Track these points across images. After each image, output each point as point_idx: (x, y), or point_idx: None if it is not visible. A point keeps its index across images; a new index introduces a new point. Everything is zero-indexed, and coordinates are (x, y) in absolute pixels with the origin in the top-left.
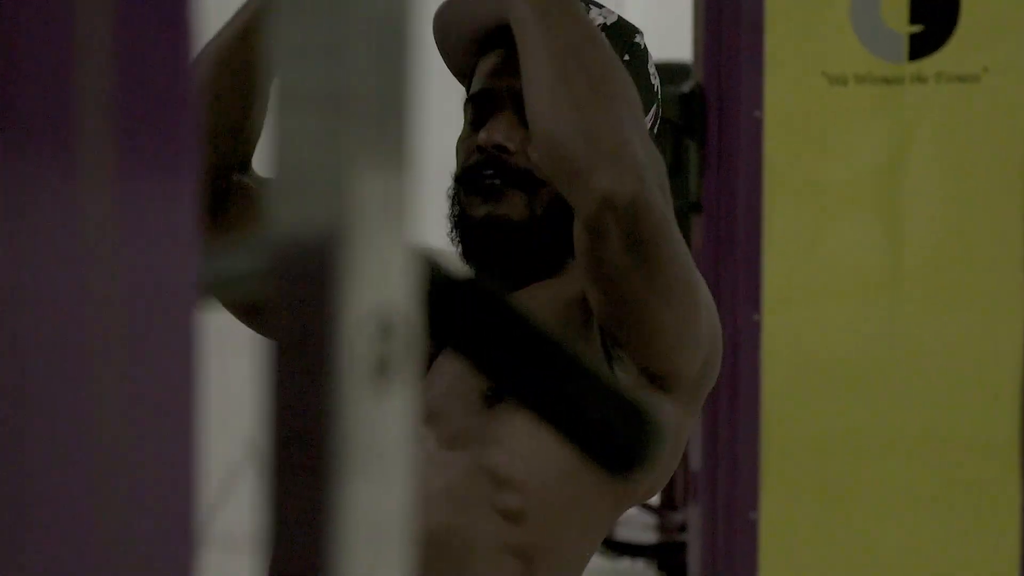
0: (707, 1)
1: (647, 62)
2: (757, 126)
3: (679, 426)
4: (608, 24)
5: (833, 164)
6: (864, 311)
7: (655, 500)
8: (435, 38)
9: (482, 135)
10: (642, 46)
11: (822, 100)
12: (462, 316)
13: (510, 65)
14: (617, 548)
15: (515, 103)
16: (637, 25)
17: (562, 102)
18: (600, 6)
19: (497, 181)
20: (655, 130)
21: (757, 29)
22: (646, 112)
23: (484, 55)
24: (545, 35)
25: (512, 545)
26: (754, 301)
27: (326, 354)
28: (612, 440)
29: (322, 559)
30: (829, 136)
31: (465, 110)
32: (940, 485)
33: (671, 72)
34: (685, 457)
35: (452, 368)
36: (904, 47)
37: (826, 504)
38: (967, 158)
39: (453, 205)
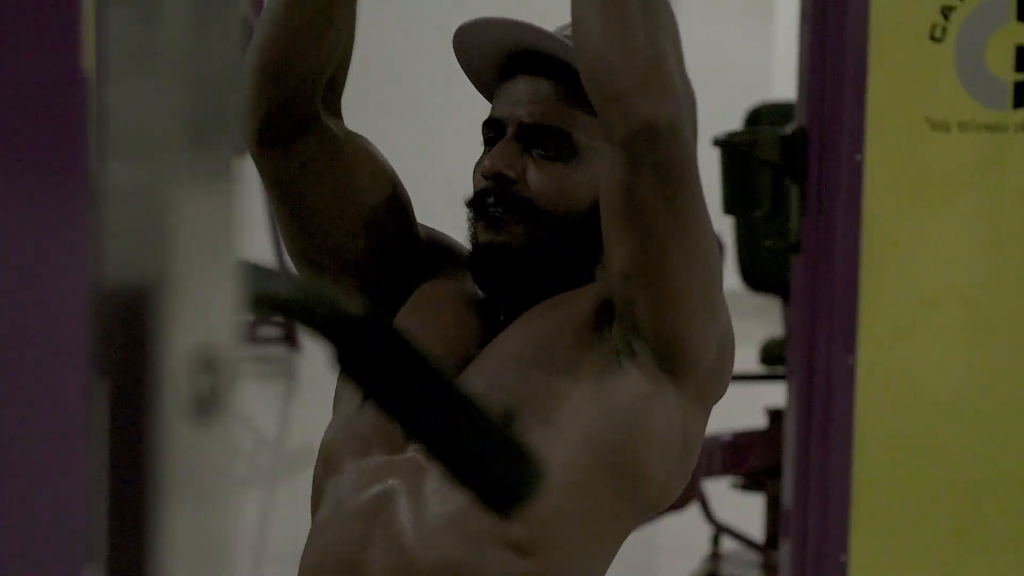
0: (812, 44)
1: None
2: (857, 170)
3: (687, 422)
4: None
5: (933, 209)
6: (960, 355)
7: (759, 538)
8: (457, 56)
9: (486, 163)
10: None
11: (924, 146)
12: (358, 353)
13: (521, 95)
14: None
15: (521, 133)
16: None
17: (612, 25)
18: None
19: (499, 211)
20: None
21: (861, 73)
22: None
23: (504, 80)
24: None
25: None
26: (849, 343)
27: (150, 389)
28: (493, 480)
29: None
30: (930, 182)
31: (483, 132)
32: None
33: (777, 113)
34: (777, 499)
35: None
36: (1009, 95)
37: (918, 548)
38: None
39: (469, 229)
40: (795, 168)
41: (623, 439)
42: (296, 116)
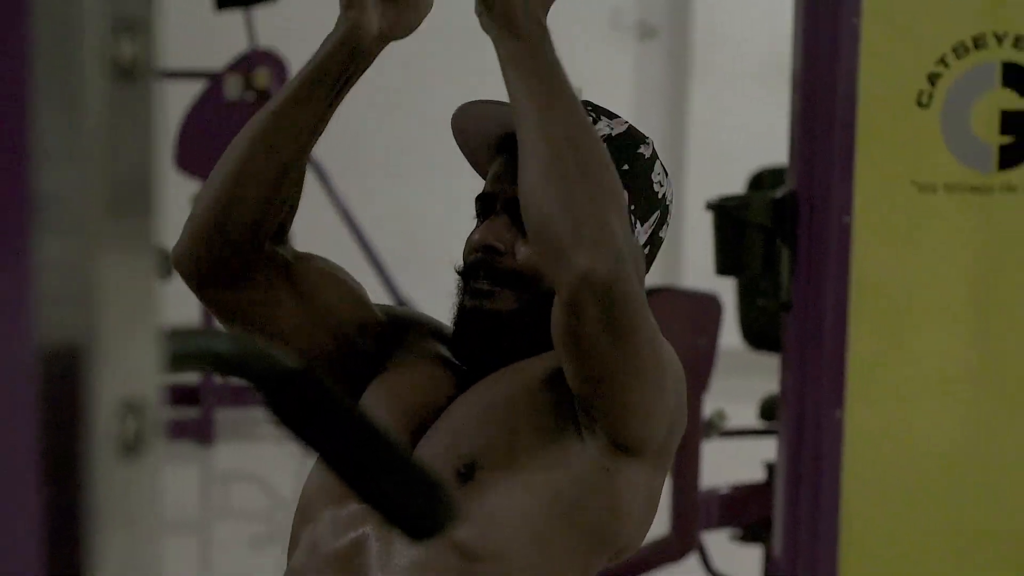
0: (802, 111)
1: (651, 170)
2: (846, 231)
3: (649, 485)
4: (613, 135)
5: (921, 269)
6: (948, 412)
7: None
8: (454, 132)
9: (476, 235)
10: (647, 155)
11: (911, 207)
12: (292, 404)
13: (511, 172)
14: None
15: (511, 208)
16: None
17: (552, 185)
18: (612, 116)
19: (485, 285)
20: (661, 233)
21: (849, 138)
22: (647, 216)
23: (495, 157)
24: (543, 126)
25: None
26: (838, 398)
27: (81, 433)
28: (410, 513)
29: None
30: (918, 242)
31: (476, 206)
32: None
33: (778, 177)
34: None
35: (427, 448)
36: (994, 157)
37: None
38: None
39: (456, 295)
40: (786, 230)
41: (586, 499)
42: (243, 262)
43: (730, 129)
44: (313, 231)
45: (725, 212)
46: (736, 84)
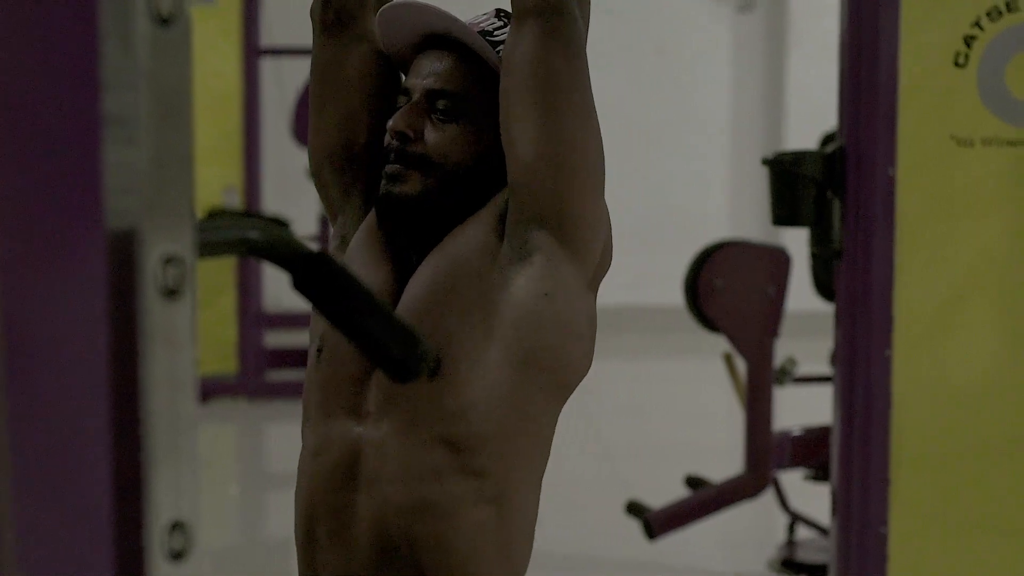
0: (849, 73)
1: None
2: (891, 183)
3: (586, 302)
4: None
5: (960, 218)
6: (988, 348)
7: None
8: (379, 30)
9: (391, 122)
10: None
11: (951, 160)
12: (311, 278)
13: (428, 68)
14: (794, 568)
15: (426, 99)
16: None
17: None
18: None
19: (397, 168)
20: None
21: (892, 97)
22: None
23: (418, 54)
24: None
25: (481, 496)
26: (886, 338)
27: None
28: (396, 359)
29: None
30: (957, 193)
31: (398, 100)
32: None
33: (824, 138)
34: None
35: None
36: None
37: (952, 520)
38: None
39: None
40: (836, 183)
41: (536, 342)
42: (349, 11)
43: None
44: None
45: (780, 167)
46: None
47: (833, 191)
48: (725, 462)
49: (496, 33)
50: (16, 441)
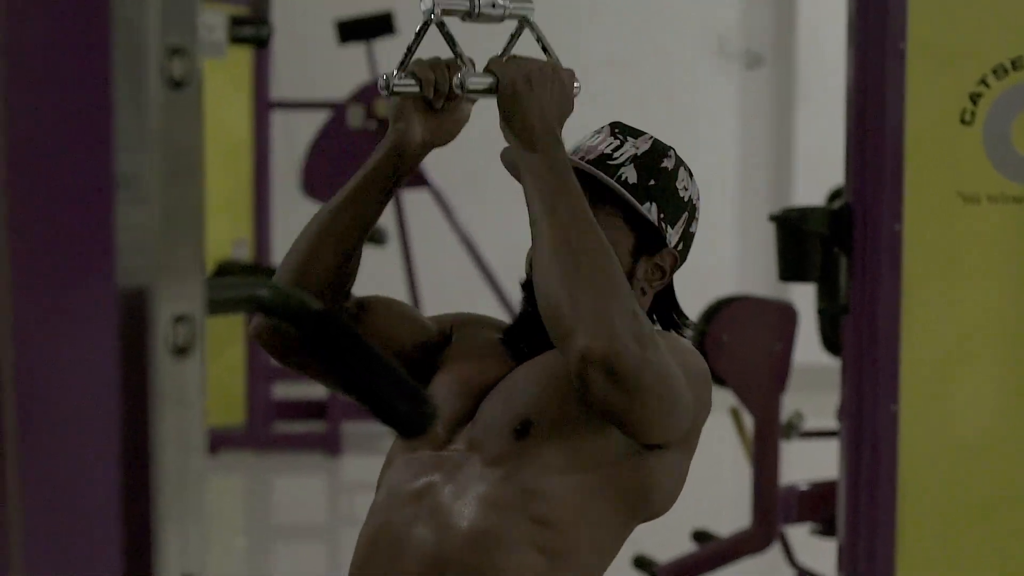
0: (855, 129)
1: (675, 178)
2: (898, 239)
3: (677, 464)
4: (639, 154)
5: (966, 274)
6: (992, 401)
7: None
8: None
9: (529, 254)
10: (670, 167)
11: (957, 216)
12: (320, 336)
13: None
14: None
15: None
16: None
17: (555, 278)
18: (637, 135)
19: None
20: (691, 229)
21: (898, 154)
22: (676, 219)
23: None
24: (550, 226)
25: (539, 544)
26: (892, 392)
27: (148, 340)
28: (402, 412)
29: None
30: (963, 249)
31: None
32: None
33: (832, 194)
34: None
35: (487, 409)
36: None
37: (958, 574)
38: None
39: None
40: (843, 239)
41: (622, 472)
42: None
43: (833, 148)
44: (436, 254)
45: (787, 223)
46: (838, 108)
47: (840, 247)
48: (732, 516)
49: (615, 155)
50: (28, 498)
